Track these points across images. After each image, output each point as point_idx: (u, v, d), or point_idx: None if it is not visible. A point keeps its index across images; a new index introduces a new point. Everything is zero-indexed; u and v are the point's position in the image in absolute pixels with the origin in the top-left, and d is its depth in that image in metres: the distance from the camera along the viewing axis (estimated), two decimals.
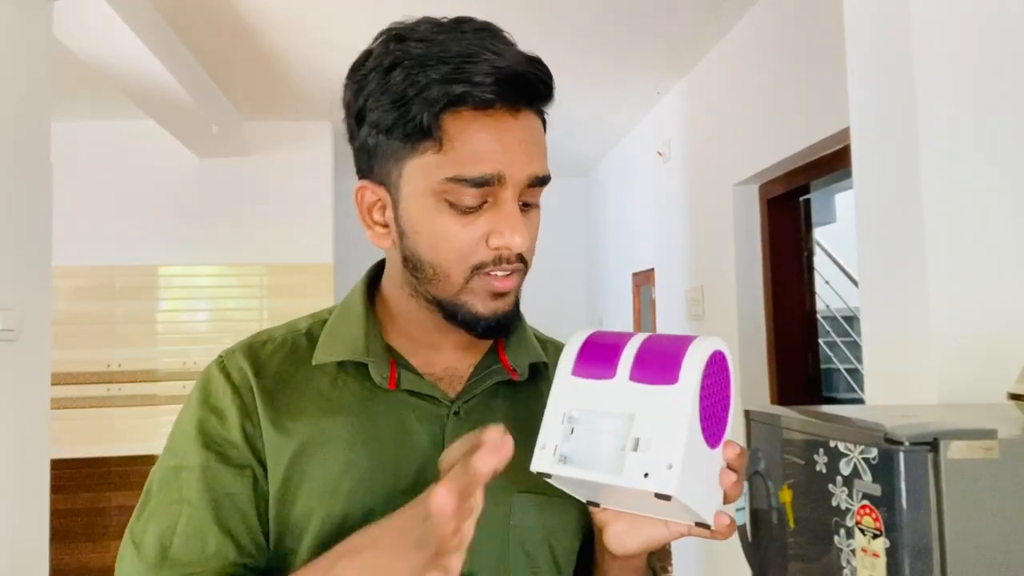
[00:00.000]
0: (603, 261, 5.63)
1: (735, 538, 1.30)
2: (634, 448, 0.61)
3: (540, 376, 0.84)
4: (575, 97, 4.12)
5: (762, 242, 3.16)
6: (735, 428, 0.70)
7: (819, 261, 3.72)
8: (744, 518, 1.28)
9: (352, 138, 0.77)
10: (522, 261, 0.74)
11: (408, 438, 0.76)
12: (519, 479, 0.73)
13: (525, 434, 0.76)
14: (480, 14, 0.79)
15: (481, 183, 0.70)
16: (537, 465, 0.66)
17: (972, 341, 1.42)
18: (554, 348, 0.89)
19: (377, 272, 0.85)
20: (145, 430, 4.22)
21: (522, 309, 0.82)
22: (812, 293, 3.13)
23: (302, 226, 4.44)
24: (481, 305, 0.74)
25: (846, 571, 1.02)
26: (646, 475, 0.60)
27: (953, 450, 0.93)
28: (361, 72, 0.73)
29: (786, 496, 1.18)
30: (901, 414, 1.12)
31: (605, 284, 5.57)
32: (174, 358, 4.33)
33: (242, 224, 4.43)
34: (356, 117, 0.74)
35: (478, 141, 0.70)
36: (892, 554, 0.94)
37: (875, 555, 0.96)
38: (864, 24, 1.66)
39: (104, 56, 2.87)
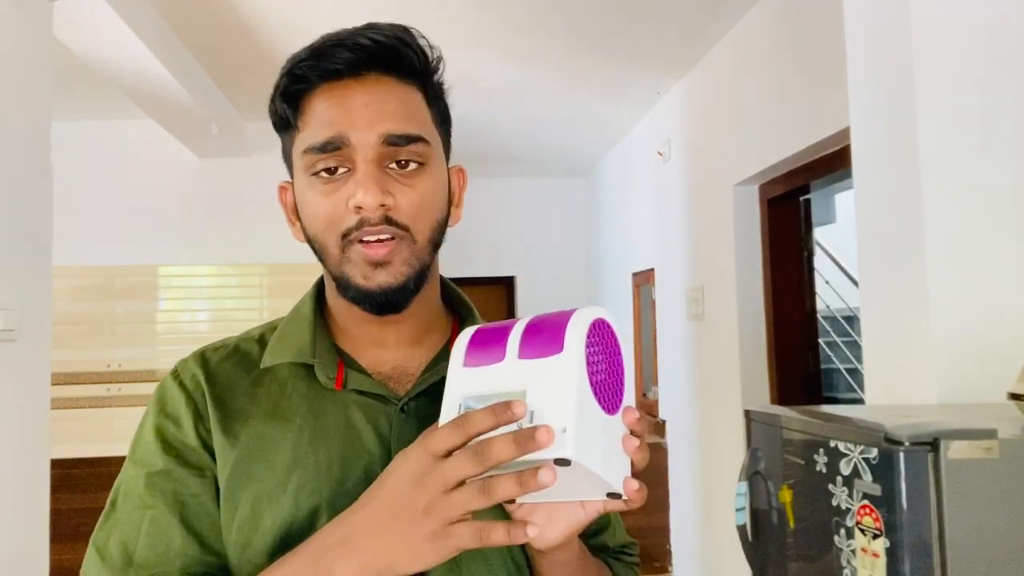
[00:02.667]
0: (603, 261, 5.63)
1: (735, 538, 1.30)
2: (530, 421, 0.61)
3: None
4: (575, 97, 4.12)
5: (762, 242, 3.16)
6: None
7: (819, 261, 3.72)
8: (744, 518, 1.28)
9: None
10: (398, 226, 0.74)
11: (355, 437, 0.76)
12: None
13: None
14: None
15: (329, 148, 0.73)
16: None
17: (972, 341, 1.42)
18: (453, 346, 0.89)
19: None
20: None
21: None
22: (812, 293, 3.13)
23: None
24: (361, 276, 0.74)
25: (846, 571, 1.02)
26: None
27: (953, 450, 0.93)
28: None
29: (786, 496, 1.18)
30: (901, 414, 1.12)
31: (605, 284, 5.57)
32: (174, 358, 4.24)
33: (242, 224, 4.43)
34: (273, 126, 0.81)
35: (323, 110, 0.74)
36: (892, 554, 0.94)
37: (875, 555, 0.96)
38: (864, 24, 1.66)
39: (104, 56, 2.87)
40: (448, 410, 0.66)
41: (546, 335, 0.65)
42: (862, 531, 0.98)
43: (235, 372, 0.80)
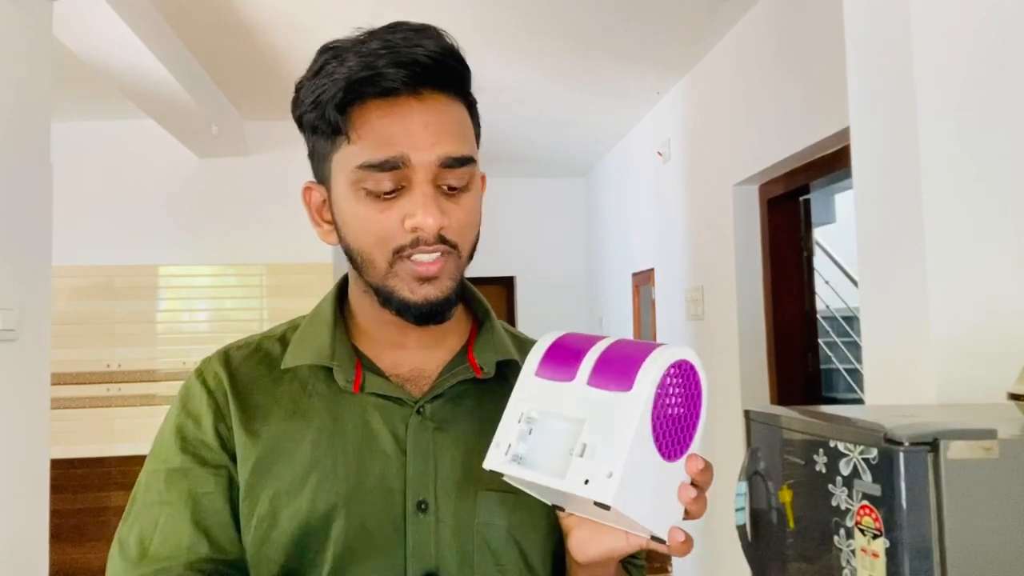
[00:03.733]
0: (603, 261, 5.63)
1: (735, 538, 1.30)
2: (580, 454, 0.61)
3: (510, 375, 0.82)
4: (575, 97, 4.12)
5: (762, 242, 3.16)
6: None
7: (819, 261, 3.73)
8: (744, 518, 1.28)
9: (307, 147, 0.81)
10: (448, 244, 0.75)
11: (371, 439, 0.77)
12: (486, 478, 0.73)
13: (490, 432, 0.76)
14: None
15: (387, 167, 0.72)
16: (489, 462, 0.66)
17: (972, 341, 1.42)
18: (532, 347, 0.89)
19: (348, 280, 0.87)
20: (145, 430, 4.21)
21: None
22: (812, 293, 3.13)
23: (302, 226, 4.38)
24: (408, 290, 0.75)
25: (846, 571, 1.02)
26: (586, 481, 0.60)
27: (953, 450, 0.93)
28: (298, 84, 0.78)
29: (786, 496, 1.18)
30: (901, 414, 1.12)
31: (605, 284, 5.57)
32: (174, 358, 4.33)
33: (242, 224, 4.43)
34: (299, 125, 0.79)
35: (381, 127, 0.73)
36: (892, 554, 0.94)
37: (875, 555, 0.96)
38: (864, 24, 1.66)
39: (104, 56, 2.87)
40: (510, 416, 0.67)
41: (620, 367, 0.63)
42: (862, 531, 0.98)
43: (257, 371, 0.82)
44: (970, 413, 1.24)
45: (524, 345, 0.89)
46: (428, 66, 0.73)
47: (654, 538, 0.66)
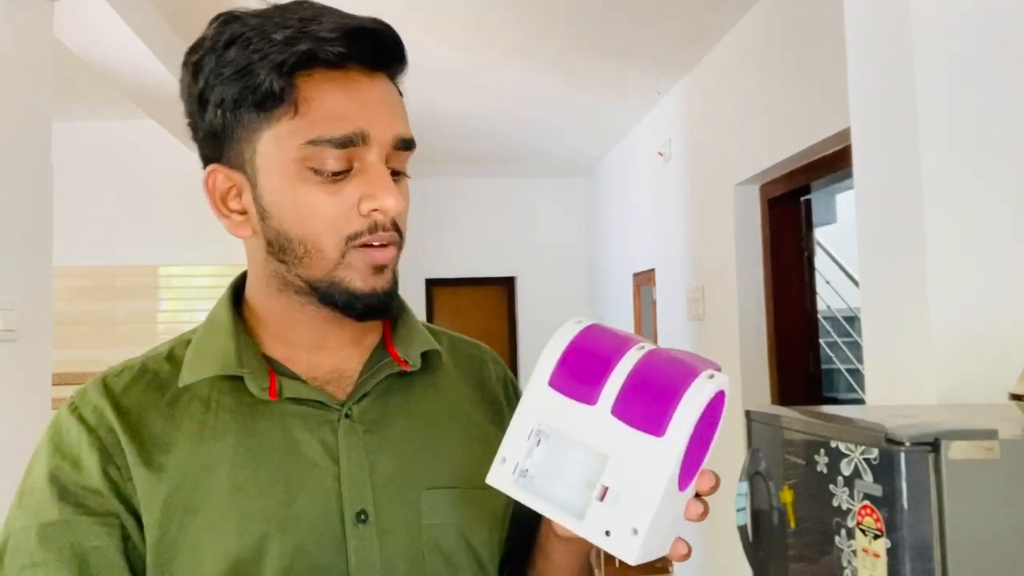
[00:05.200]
0: (604, 261, 5.63)
1: (736, 538, 1.30)
2: (600, 497, 0.56)
3: (434, 366, 0.78)
4: (575, 97, 4.12)
5: (763, 242, 3.16)
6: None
7: (820, 261, 3.72)
8: (745, 519, 1.28)
9: (195, 128, 0.71)
10: (397, 231, 0.70)
11: (297, 450, 0.69)
12: (427, 476, 0.71)
13: (425, 427, 0.74)
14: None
15: (344, 143, 0.65)
16: (494, 479, 0.61)
17: (972, 341, 1.42)
18: (448, 339, 0.84)
19: (242, 282, 0.78)
20: None
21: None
22: (813, 293, 3.13)
23: None
24: (360, 280, 0.68)
25: (847, 572, 1.02)
26: (608, 533, 0.56)
27: (954, 450, 0.93)
28: (196, 56, 0.69)
29: (787, 496, 1.18)
30: (902, 414, 1.12)
31: (605, 285, 5.57)
32: None
33: None
34: (198, 101, 0.69)
35: (336, 100, 0.66)
36: (893, 554, 0.94)
37: (876, 556, 0.96)
38: (864, 24, 1.66)
39: (104, 56, 2.87)
40: (518, 428, 0.60)
41: (652, 399, 0.56)
42: (863, 532, 0.98)
43: (147, 396, 0.71)
44: (971, 413, 1.24)
45: (439, 336, 0.83)
46: (379, 39, 0.68)
47: None
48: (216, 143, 0.70)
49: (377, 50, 0.68)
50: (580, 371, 0.59)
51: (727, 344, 3.25)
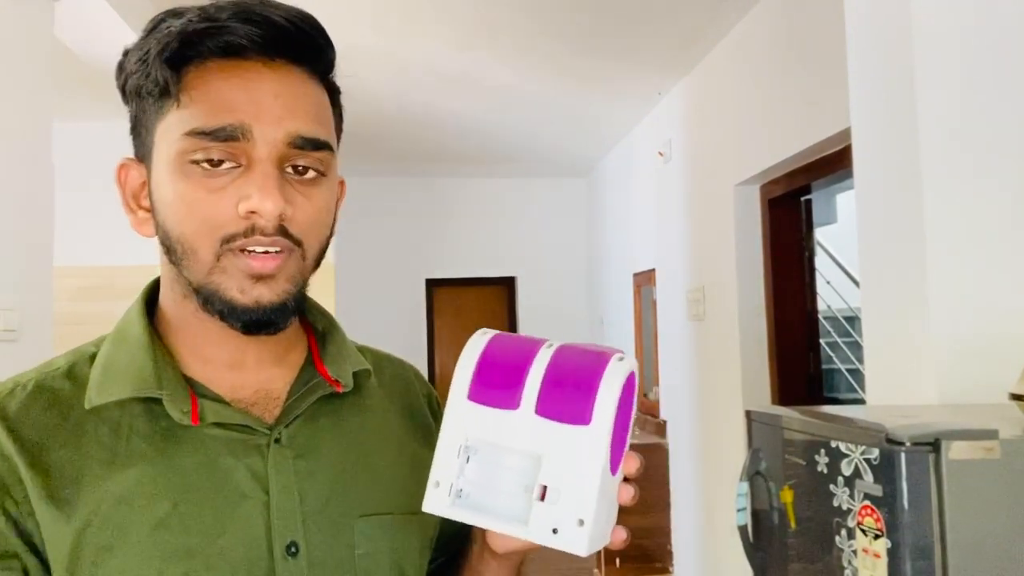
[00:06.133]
0: (604, 261, 5.63)
1: (736, 538, 1.30)
2: (540, 497, 0.56)
3: (364, 386, 0.74)
4: (575, 97, 4.12)
5: (763, 242, 3.16)
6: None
7: (820, 261, 3.72)
8: (745, 519, 1.28)
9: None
10: (291, 239, 0.63)
11: (224, 480, 0.63)
12: (360, 503, 0.68)
13: (357, 452, 0.70)
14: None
15: (223, 136, 0.60)
16: (431, 505, 0.59)
17: (972, 341, 1.42)
18: (373, 356, 0.80)
19: (156, 288, 0.73)
20: None
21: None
22: (813, 293, 3.13)
23: None
24: (237, 289, 0.62)
25: (847, 571, 1.02)
26: (555, 531, 0.56)
27: (954, 450, 0.93)
28: (126, 49, 0.66)
29: (787, 496, 1.18)
30: (902, 414, 1.12)
31: (606, 285, 5.57)
32: None
33: None
34: (123, 95, 0.67)
35: (219, 90, 0.62)
36: (893, 554, 0.94)
37: (876, 555, 0.96)
38: (864, 24, 1.66)
39: (104, 56, 2.87)
40: (446, 448, 0.59)
41: (570, 394, 0.57)
42: (863, 531, 0.98)
43: (47, 419, 0.63)
44: (971, 413, 1.24)
45: (365, 353, 0.78)
46: (284, 28, 0.63)
47: None
48: (134, 136, 0.68)
49: (283, 42, 0.63)
50: (497, 379, 0.59)
51: (727, 344, 3.25)
